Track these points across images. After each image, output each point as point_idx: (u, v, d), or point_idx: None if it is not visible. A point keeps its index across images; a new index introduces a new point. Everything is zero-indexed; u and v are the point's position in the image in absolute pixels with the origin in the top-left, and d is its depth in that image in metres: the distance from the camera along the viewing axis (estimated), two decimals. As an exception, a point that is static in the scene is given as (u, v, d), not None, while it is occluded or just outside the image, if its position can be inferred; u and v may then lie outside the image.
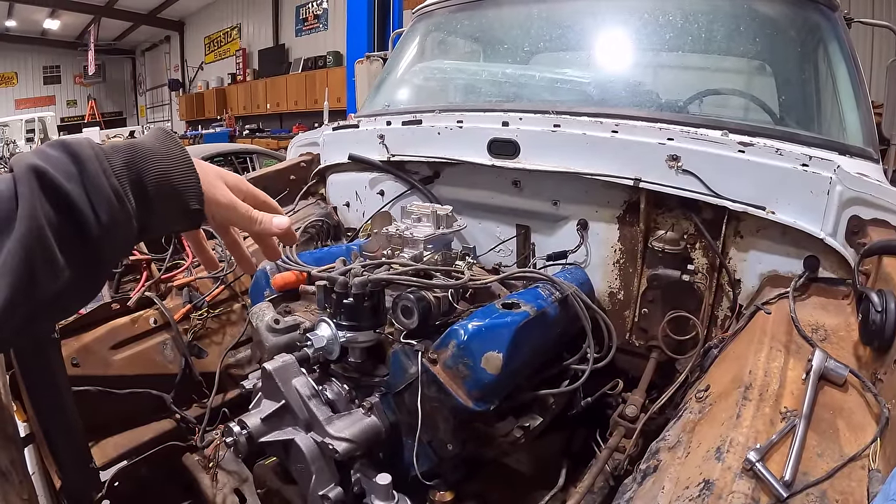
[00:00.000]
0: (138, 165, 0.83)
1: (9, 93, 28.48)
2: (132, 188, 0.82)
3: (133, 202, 0.81)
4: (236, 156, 11.15)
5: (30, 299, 0.71)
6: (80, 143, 0.80)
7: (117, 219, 0.79)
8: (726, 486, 0.96)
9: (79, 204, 0.75)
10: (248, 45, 24.09)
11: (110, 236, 0.79)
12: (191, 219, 0.91)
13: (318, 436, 1.53)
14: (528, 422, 1.66)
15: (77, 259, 0.76)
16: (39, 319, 0.76)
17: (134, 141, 0.87)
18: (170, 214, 0.88)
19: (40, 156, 0.76)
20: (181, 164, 0.88)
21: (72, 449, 1.79)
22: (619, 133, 1.94)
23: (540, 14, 2.77)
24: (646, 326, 2.04)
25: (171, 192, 0.86)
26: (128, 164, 0.82)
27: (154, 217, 0.86)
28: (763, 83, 2.54)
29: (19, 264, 0.69)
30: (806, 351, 1.36)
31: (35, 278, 0.71)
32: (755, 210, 1.72)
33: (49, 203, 0.73)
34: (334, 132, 2.81)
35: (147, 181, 0.83)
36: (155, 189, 0.84)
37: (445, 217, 1.99)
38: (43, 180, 0.73)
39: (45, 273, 0.72)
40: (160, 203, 0.86)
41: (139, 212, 0.83)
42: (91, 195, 0.76)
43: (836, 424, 1.13)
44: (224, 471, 2.12)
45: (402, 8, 8.49)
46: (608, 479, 1.65)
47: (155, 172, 0.84)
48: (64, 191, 0.74)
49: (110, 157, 0.81)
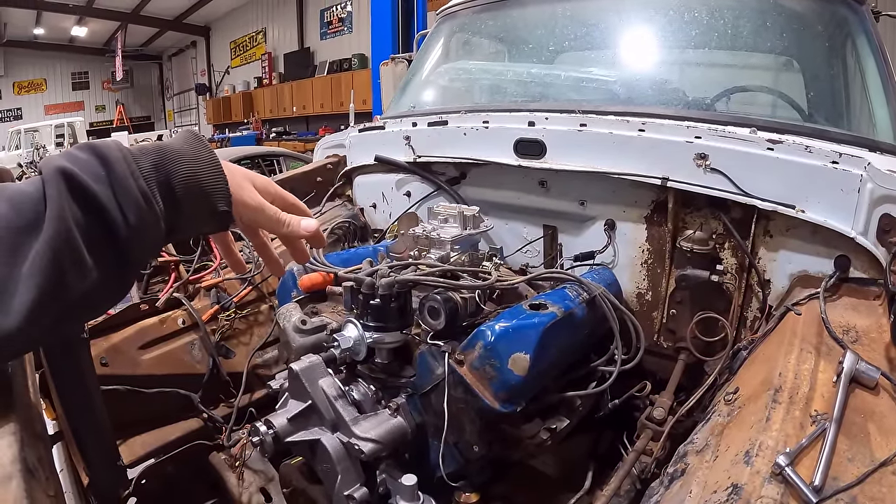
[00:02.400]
0: (166, 167, 0.83)
1: (38, 99, 28.92)
2: (160, 190, 0.81)
3: (161, 204, 0.81)
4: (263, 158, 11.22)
5: (59, 300, 0.71)
6: (108, 145, 0.80)
7: (145, 220, 0.79)
8: (755, 491, 0.95)
9: (107, 205, 0.75)
10: (273, 49, 24.25)
11: (138, 237, 0.79)
12: (219, 220, 0.91)
13: (344, 436, 1.53)
14: (554, 423, 1.65)
15: (105, 260, 0.77)
16: (68, 320, 0.77)
17: (162, 143, 0.87)
18: (198, 216, 0.88)
19: (68, 158, 0.76)
20: (209, 166, 0.88)
21: (100, 447, 1.80)
22: (645, 132, 1.93)
23: (564, 13, 2.76)
24: (674, 328, 2.03)
25: (199, 194, 0.86)
26: (156, 166, 0.82)
27: (182, 218, 0.86)
28: (791, 79, 2.51)
29: (48, 265, 0.69)
30: (837, 353, 1.34)
31: (64, 279, 0.71)
32: (785, 209, 1.70)
33: (77, 205, 0.73)
34: (360, 134, 2.82)
35: (175, 183, 0.83)
36: (183, 191, 0.84)
37: (472, 218, 1.99)
38: (71, 182, 0.73)
39: (73, 274, 0.72)
40: (188, 204, 0.85)
41: (167, 213, 0.83)
42: (119, 197, 0.76)
43: (866, 428, 1.12)
44: (250, 470, 2.13)
45: (425, 9, 8.51)
46: (635, 483, 1.64)
47: (183, 174, 0.84)
48: (92, 192, 0.74)
49: (138, 160, 0.81)
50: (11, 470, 0.71)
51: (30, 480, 0.72)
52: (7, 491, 0.67)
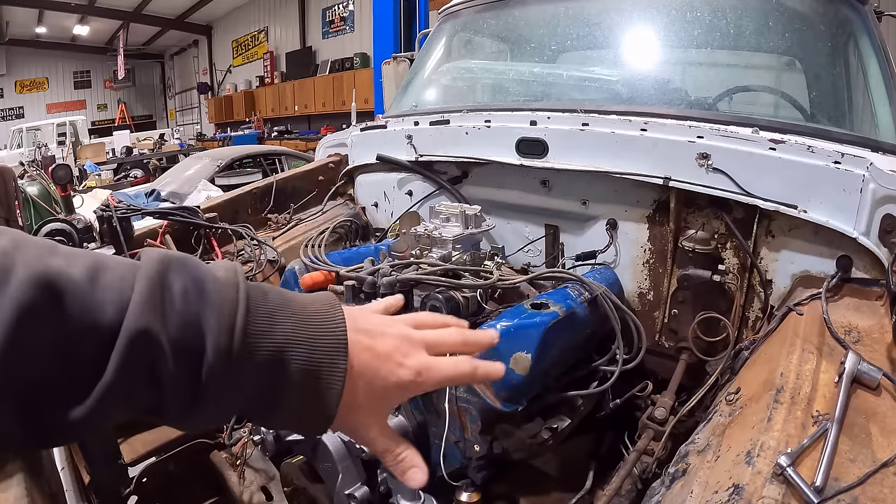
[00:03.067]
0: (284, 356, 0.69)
1: (40, 97, 28.98)
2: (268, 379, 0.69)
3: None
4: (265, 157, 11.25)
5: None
6: (222, 308, 0.66)
7: (209, 423, 0.69)
8: (756, 491, 0.95)
9: (171, 395, 0.64)
10: (275, 48, 24.30)
11: (194, 424, 0.68)
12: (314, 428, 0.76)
13: (345, 435, 1.53)
14: (556, 423, 1.65)
15: (143, 415, 0.67)
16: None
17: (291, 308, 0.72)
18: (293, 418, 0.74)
19: (165, 315, 0.63)
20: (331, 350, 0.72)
21: (101, 445, 1.80)
22: (648, 131, 1.93)
23: (566, 13, 2.76)
24: (675, 327, 2.02)
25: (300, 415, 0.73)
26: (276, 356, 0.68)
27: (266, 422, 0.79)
28: (793, 79, 2.51)
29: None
30: (838, 353, 1.34)
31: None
32: (787, 209, 1.70)
33: (147, 384, 0.63)
34: (362, 133, 2.82)
35: (282, 398, 0.70)
36: (285, 410, 0.71)
37: (474, 217, 1.99)
38: (152, 361, 0.62)
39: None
40: (282, 415, 0.73)
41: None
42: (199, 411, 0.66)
43: (868, 429, 1.11)
44: (251, 468, 2.13)
45: (427, 9, 8.52)
46: (636, 482, 1.64)
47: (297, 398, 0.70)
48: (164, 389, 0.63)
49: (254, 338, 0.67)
50: (12, 468, 0.71)
51: (30, 479, 0.72)
52: (8, 489, 0.67)
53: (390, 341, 0.79)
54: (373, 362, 0.76)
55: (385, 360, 0.77)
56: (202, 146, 20.83)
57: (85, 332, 0.60)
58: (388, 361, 0.77)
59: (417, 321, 0.87)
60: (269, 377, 0.68)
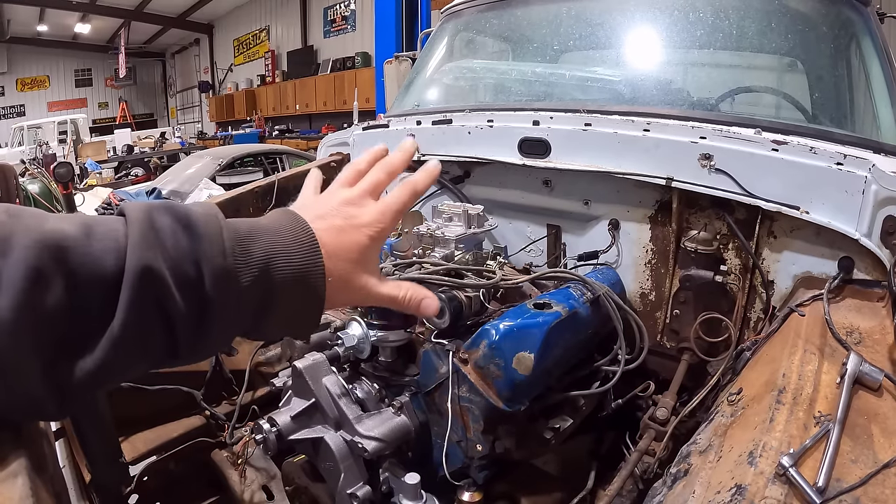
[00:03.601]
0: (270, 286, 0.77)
1: (41, 95, 29.03)
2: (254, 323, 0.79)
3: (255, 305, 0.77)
4: (266, 156, 11.26)
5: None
6: (212, 238, 0.73)
7: (223, 338, 0.77)
8: (759, 492, 0.95)
9: (179, 326, 0.70)
10: (276, 47, 24.34)
11: (201, 354, 0.77)
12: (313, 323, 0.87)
13: (347, 434, 1.53)
14: (558, 423, 1.65)
15: (152, 362, 0.73)
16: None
17: (260, 227, 0.81)
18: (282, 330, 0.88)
19: (159, 245, 0.69)
20: (305, 248, 0.82)
21: (102, 444, 1.81)
22: (650, 132, 1.93)
23: (569, 13, 2.76)
24: (677, 328, 2.03)
25: (290, 325, 0.86)
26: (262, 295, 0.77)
27: (262, 333, 0.84)
28: (795, 80, 2.51)
29: (109, 356, 0.66)
30: (840, 354, 1.34)
31: (125, 371, 0.71)
32: (789, 210, 1.70)
33: (158, 317, 0.69)
34: (364, 132, 2.82)
35: (277, 301, 0.79)
36: (278, 320, 0.82)
37: (477, 216, 1.99)
38: (156, 292, 0.67)
39: (135, 365, 0.71)
40: (276, 321, 0.82)
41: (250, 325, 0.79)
42: (208, 327, 0.72)
43: (870, 430, 1.11)
44: (252, 467, 2.14)
45: (429, 8, 8.52)
46: (637, 483, 1.64)
47: (283, 268, 0.78)
48: (176, 312, 0.69)
49: (243, 289, 0.75)
50: (17, 468, 0.71)
51: (35, 478, 0.72)
52: (13, 488, 0.67)
53: (340, 214, 0.89)
54: (338, 239, 0.86)
55: (346, 231, 0.87)
56: (203, 145, 20.83)
57: (91, 282, 0.64)
58: (349, 231, 0.87)
59: (347, 177, 0.98)
60: (261, 288, 0.76)
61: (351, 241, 0.87)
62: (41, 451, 0.85)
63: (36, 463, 0.76)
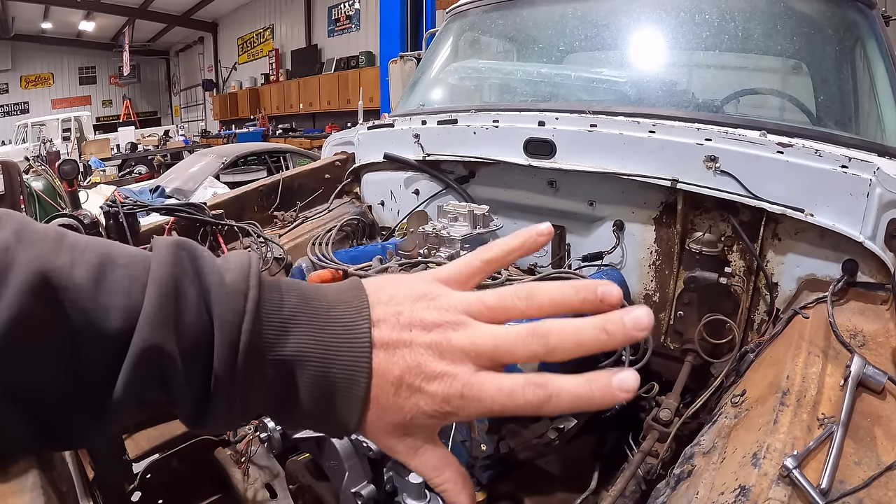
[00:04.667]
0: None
1: (45, 93, 29.05)
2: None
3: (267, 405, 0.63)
4: (270, 155, 11.26)
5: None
6: (228, 307, 0.60)
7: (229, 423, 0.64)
8: (762, 493, 0.95)
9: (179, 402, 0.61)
10: (280, 46, 24.34)
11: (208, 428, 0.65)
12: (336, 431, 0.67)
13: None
14: (562, 423, 1.65)
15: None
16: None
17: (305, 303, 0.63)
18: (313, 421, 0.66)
19: (179, 331, 0.58)
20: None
21: (105, 441, 1.81)
22: (656, 133, 1.93)
23: (574, 13, 2.76)
24: (681, 329, 2.03)
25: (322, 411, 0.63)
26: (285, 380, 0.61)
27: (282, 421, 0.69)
28: (800, 83, 2.51)
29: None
30: (844, 356, 1.34)
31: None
32: (793, 212, 1.70)
33: (158, 396, 0.60)
34: (369, 131, 2.82)
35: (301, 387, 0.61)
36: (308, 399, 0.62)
37: (482, 217, 1.99)
38: (162, 372, 0.58)
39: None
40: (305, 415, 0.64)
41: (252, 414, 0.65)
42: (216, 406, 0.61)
43: (873, 432, 1.12)
44: (256, 466, 2.14)
45: (434, 8, 8.51)
46: (640, 484, 1.64)
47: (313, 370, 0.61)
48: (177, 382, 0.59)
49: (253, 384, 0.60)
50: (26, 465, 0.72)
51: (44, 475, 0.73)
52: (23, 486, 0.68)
53: (414, 351, 0.61)
54: (385, 386, 0.61)
55: (398, 386, 0.61)
56: (207, 143, 20.85)
57: (90, 340, 0.56)
58: (402, 387, 0.61)
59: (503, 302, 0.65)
60: (280, 389, 0.61)
61: (400, 399, 0.62)
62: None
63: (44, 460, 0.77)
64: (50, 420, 0.57)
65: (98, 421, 0.59)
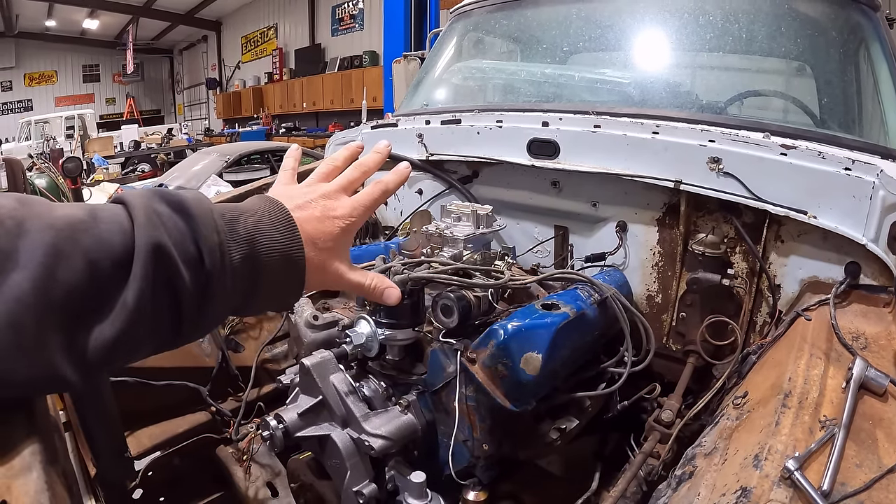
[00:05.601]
0: (256, 238, 0.84)
1: (49, 90, 29.09)
2: (246, 264, 0.83)
3: (246, 278, 0.83)
4: (273, 153, 11.27)
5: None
6: (204, 219, 0.79)
7: (219, 313, 0.84)
8: (764, 494, 0.95)
9: (190, 293, 0.76)
10: (284, 45, 24.37)
11: (200, 327, 0.82)
12: (294, 299, 0.96)
13: (354, 432, 1.54)
14: (564, 423, 1.65)
15: (159, 338, 0.79)
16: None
17: (243, 209, 0.87)
18: (275, 294, 0.91)
19: (163, 226, 0.75)
20: (286, 231, 0.89)
21: (108, 438, 1.81)
22: (659, 134, 1.93)
23: (578, 14, 2.76)
24: (683, 331, 2.03)
25: (284, 268, 0.88)
26: (248, 240, 0.83)
27: (251, 308, 0.91)
28: (803, 85, 2.51)
29: (119, 336, 0.71)
30: (846, 359, 1.34)
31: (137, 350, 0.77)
32: (797, 214, 1.70)
33: (165, 292, 0.74)
34: (373, 131, 2.82)
35: (262, 255, 0.85)
36: (268, 264, 0.86)
37: (486, 217, 1.99)
38: (164, 266, 0.73)
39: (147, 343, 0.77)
40: (264, 297, 0.89)
41: (245, 288, 0.84)
42: (206, 286, 0.78)
43: (875, 435, 1.12)
44: (257, 464, 2.14)
45: (438, 7, 8.52)
46: (641, 484, 1.64)
47: (267, 245, 0.86)
48: (181, 283, 0.75)
49: (230, 245, 0.81)
50: (31, 461, 0.72)
51: (49, 471, 0.73)
52: (28, 482, 0.68)
53: (318, 206, 0.97)
54: (315, 227, 0.94)
55: (322, 220, 0.95)
56: (210, 141, 20.88)
57: (103, 258, 0.69)
58: (325, 221, 0.96)
59: (325, 172, 1.07)
60: (250, 264, 0.83)
61: (327, 230, 0.95)
62: (53, 444, 0.86)
63: (49, 456, 0.77)
64: (80, 336, 0.70)
65: (119, 333, 0.71)
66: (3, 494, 0.64)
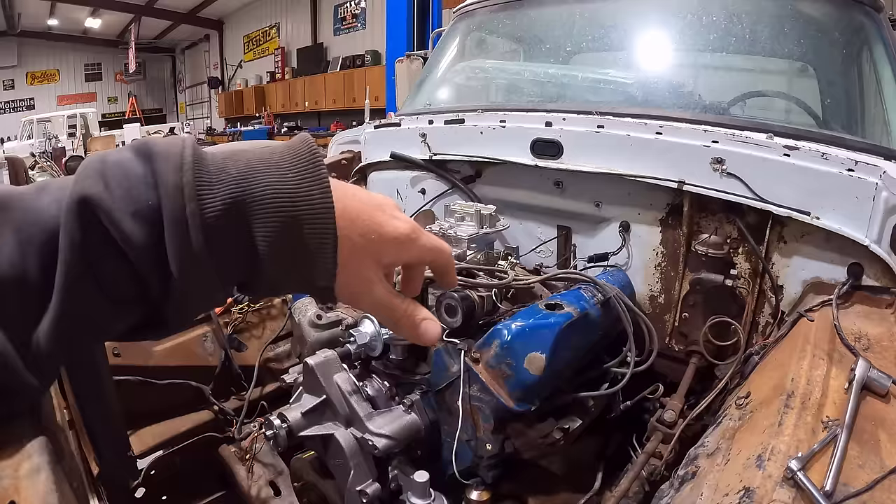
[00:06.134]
0: (247, 214, 0.61)
1: (51, 89, 29.05)
2: (233, 237, 0.60)
3: (226, 268, 0.62)
4: (275, 152, 11.25)
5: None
6: (168, 155, 0.60)
7: (194, 281, 0.60)
8: (767, 495, 0.96)
9: (138, 262, 0.59)
10: (286, 44, 24.34)
11: (179, 301, 0.62)
12: (315, 293, 0.69)
13: (357, 431, 1.54)
14: (567, 423, 1.66)
15: (132, 318, 0.64)
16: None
17: (251, 159, 0.63)
18: (285, 281, 0.67)
19: (104, 171, 0.59)
20: (318, 211, 0.62)
21: (111, 437, 1.81)
22: (663, 135, 1.93)
23: (582, 14, 2.76)
24: (686, 331, 2.03)
25: (293, 259, 0.63)
26: (235, 205, 0.60)
27: (260, 284, 0.66)
28: (806, 85, 2.51)
29: (59, 337, 0.60)
30: (849, 360, 1.34)
31: (80, 341, 0.65)
32: (800, 215, 1.70)
33: (98, 252, 0.58)
34: (376, 130, 2.82)
35: (259, 240, 0.61)
36: (267, 251, 0.61)
37: (489, 217, 1.99)
38: (90, 218, 0.58)
39: (90, 335, 0.65)
40: (271, 269, 0.63)
41: (234, 275, 0.64)
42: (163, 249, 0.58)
43: (877, 435, 1.12)
44: (260, 463, 2.15)
45: (441, 7, 8.52)
46: (644, 485, 1.64)
47: (271, 222, 0.61)
48: (120, 234, 0.57)
49: (206, 192, 0.59)
50: (39, 461, 0.72)
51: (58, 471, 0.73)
52: (37, 482, 0.68)
53: (378, 195, 0.71)
54: (365, 208, 0.66)
55: (377, 209, 0.68)
56: (212, 140, 20.88)
57: (34, 234, 0.58)
58: (381, 211, 0.68)
59: None
60: (236, 214, 0.60)
61: (377, 219, 0.67)
62: (60, 444, 0.86)
63: (57, 456, 0.77)
64: (24, 330, 0.60)
65: (62, 312, 0.59)
66: (13, 495, 0.64)
